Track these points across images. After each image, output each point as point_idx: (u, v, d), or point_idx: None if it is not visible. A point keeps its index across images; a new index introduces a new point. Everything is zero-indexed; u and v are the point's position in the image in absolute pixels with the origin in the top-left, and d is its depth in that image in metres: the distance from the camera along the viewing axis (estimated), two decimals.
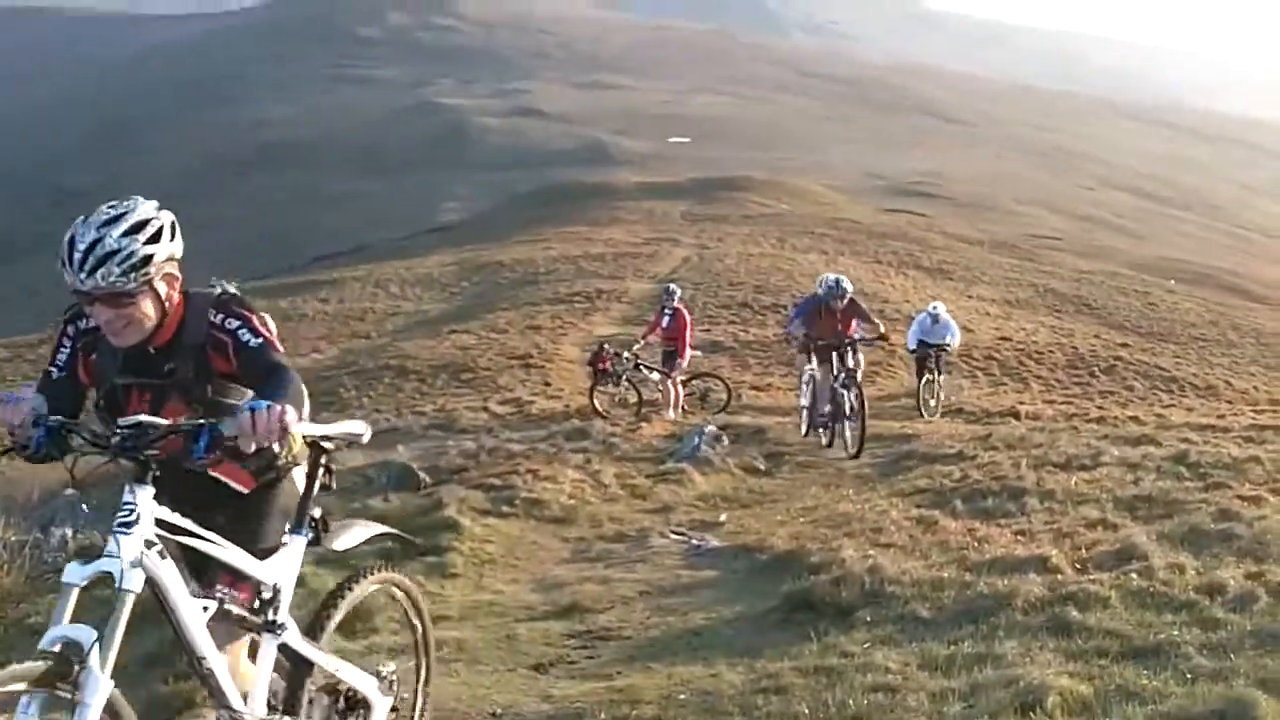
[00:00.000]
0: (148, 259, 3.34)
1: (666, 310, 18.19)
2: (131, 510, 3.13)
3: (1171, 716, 4.34)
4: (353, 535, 4.12)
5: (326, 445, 3.81)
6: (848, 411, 12.92)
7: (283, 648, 3.65)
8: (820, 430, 13.68)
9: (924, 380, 18.67)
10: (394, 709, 4.16)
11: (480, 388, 22.57)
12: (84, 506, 9.79)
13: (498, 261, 53.97)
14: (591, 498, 10.30)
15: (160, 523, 3.21)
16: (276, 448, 3.21)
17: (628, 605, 6.89)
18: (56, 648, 2.98)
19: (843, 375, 13.31)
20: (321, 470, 3.85)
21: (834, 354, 13.63)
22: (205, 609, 3.34)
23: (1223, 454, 10.29)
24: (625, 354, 18.09)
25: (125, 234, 3.32)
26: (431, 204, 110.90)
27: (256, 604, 3.59)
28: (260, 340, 3.54)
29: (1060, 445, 11.52)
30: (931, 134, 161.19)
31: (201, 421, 3.17)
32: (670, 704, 4.91)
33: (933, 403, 18.50)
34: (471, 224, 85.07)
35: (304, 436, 3.63)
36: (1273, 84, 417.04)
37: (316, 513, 3.90)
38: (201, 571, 3.44)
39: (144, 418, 3.21)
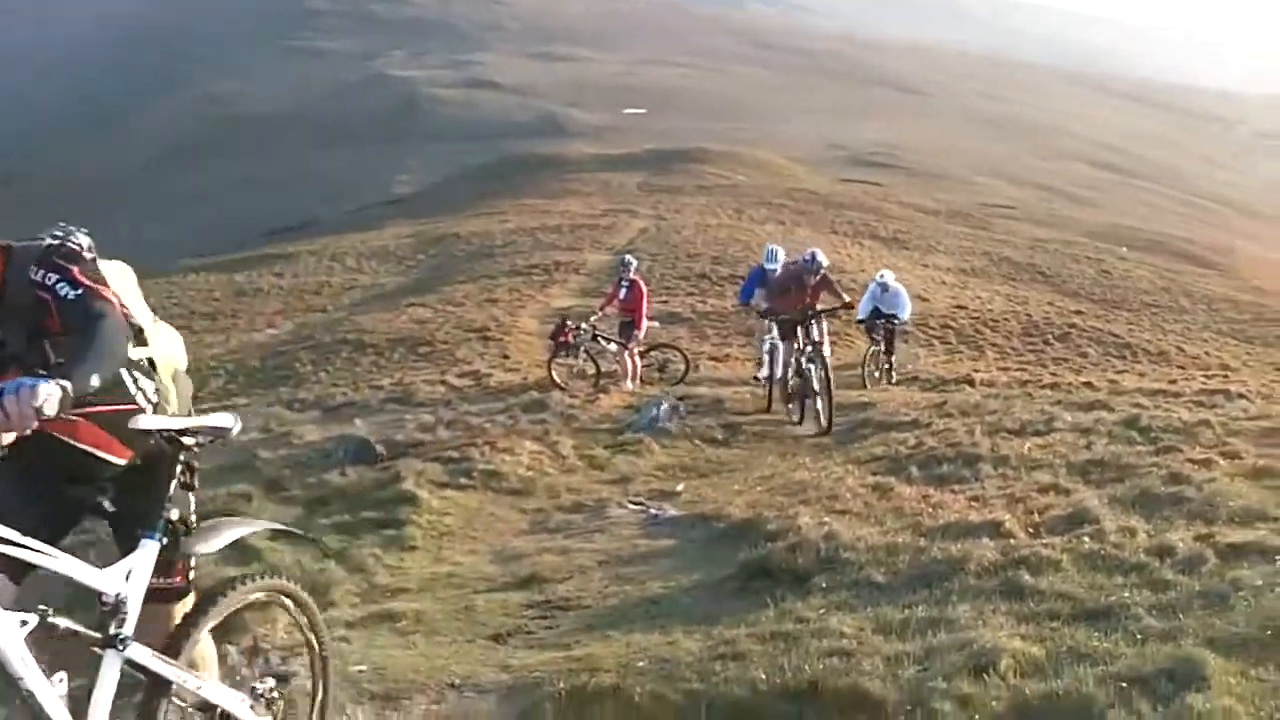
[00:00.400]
0: None
1: (624, 282, 18.16)
2: None
3: (1122, 677, 4.40)
4: (220, 538, 3.65)
5: (186, 441, 3.47)
6: (816, 387, 12.63)
7: (134, 664, 3.21)
8: (789, 406, 13.36)
9: (869, 351, 18.57)
10: None
11: (438, 361, 22.46)
12: None
13: (454, 234, 53.71)
14: (550, 469, 10.30)
15: None
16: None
17: (586, 575, 6.91)
18: None
19: (808, 349, 13.00)
20: (180, 468, 3.51)
21: (799, 328, 13.23)
22: (24, 623, 2.91)
23: (1174, 418, 10.40)
24: (583, 325, 18.08)
25: None
26: (385, 177, 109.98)
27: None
28: (79, 292, 3.15)
29: (1014, 411, 11.61)
30: (888, 105, 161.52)
31: None
32: (629, 671, 4.93)
33: (877, 374, 18.32)
34: (426, 196, 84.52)
35: (160, 432, 3.35)
36: (1246, 58, 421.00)
37: (174, 514, 3.47)
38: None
39: None
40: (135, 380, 3.47)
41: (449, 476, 9.61)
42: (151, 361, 3.62)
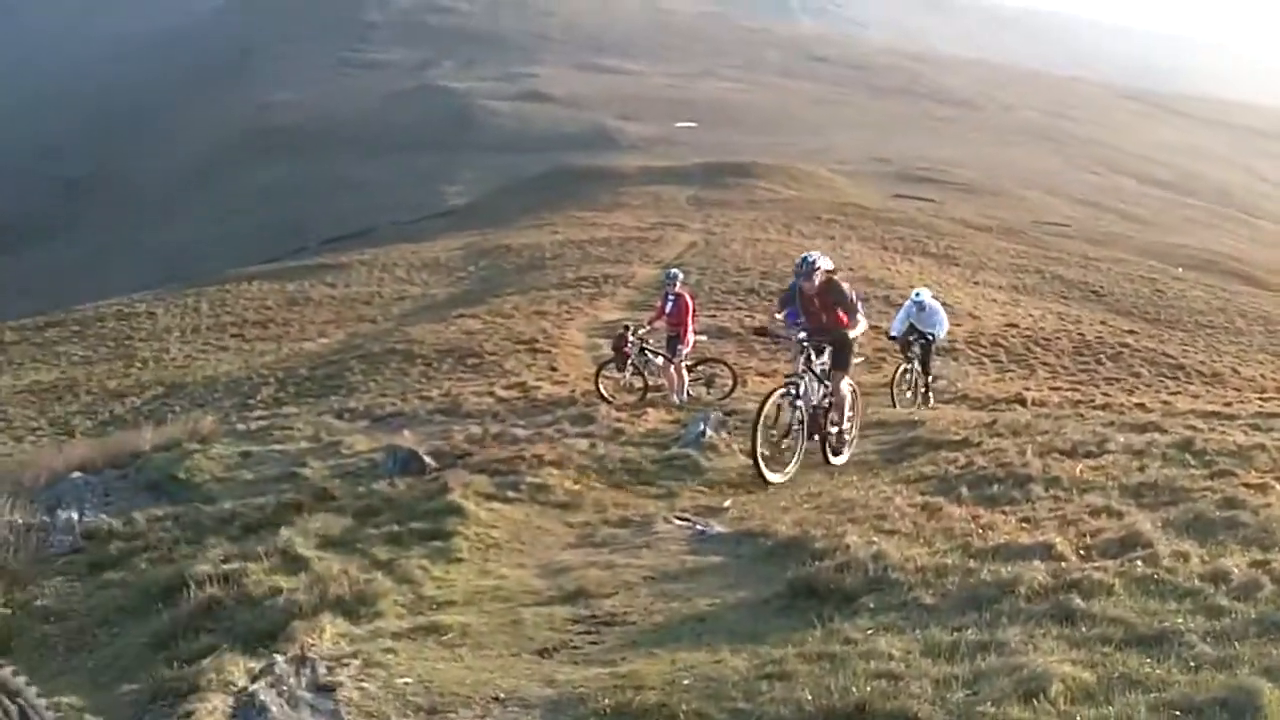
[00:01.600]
0: None
1: (669, 295, 18.14)
2: None
3: (1175, 705, 4.35)
4: None
5: None
6: (794, 424, 10.72)
7: None
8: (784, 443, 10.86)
9: (899, 370, 18.17)
10: None
11: (486, 372, 22.58)
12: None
13: (504, 246, 54.01)
14: (597, 483, 10.29)
15: None
16: None
17: (632, 591, 6.89)
18: None
19: (806, 379, 10.93)
20: None
21: (807, 350, 11.08)
22: None
23: (1228, 441, 10.26)
24: (630, 337, 18.11)
25: None
26: (437, 188, 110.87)
27: None
28: None
29: (1066, 432, 11.47)
30: (939, 119, 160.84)
31: None
32: (674, 689, 4.92)
33: (909, 394, 17.88)
34: (477, 208, 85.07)
35: None
36: None
37: None
38: None
39: None
40: None
41: (496, 489, 9.62)
42: None
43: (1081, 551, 6.79)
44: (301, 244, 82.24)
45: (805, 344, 11.08)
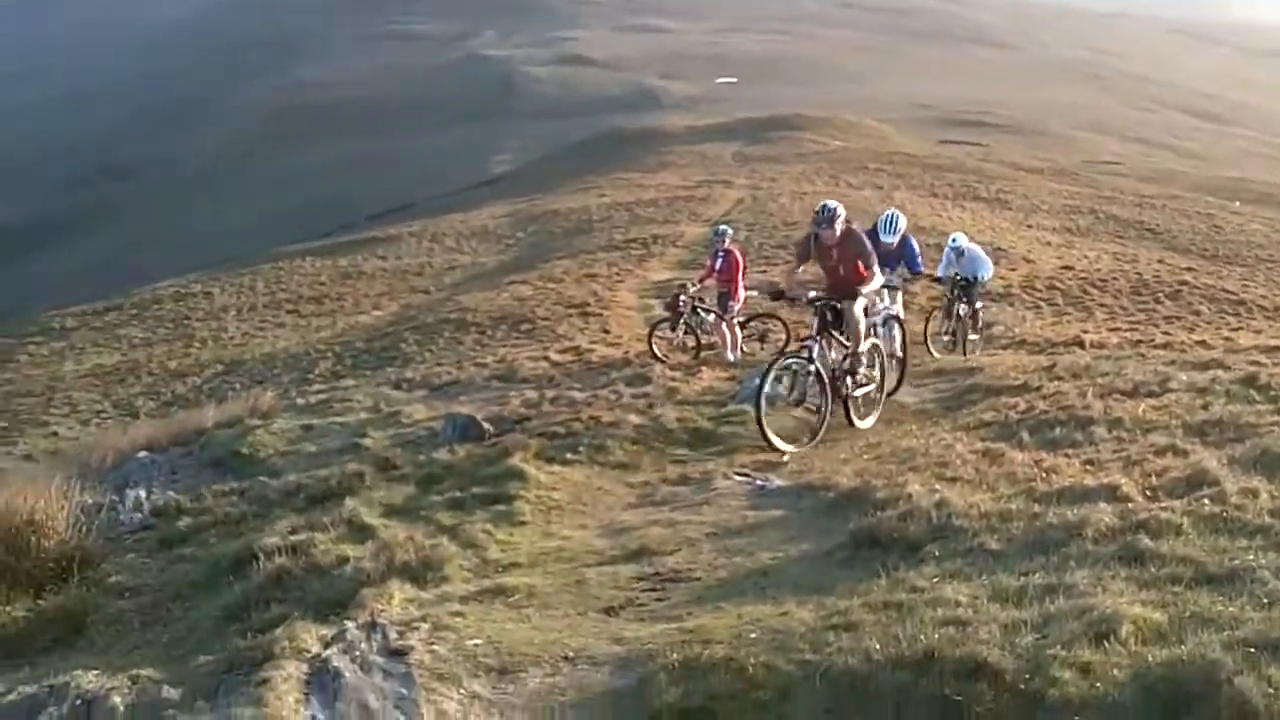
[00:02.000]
0: None
1: (719, 252, 18.06)
2: None
3: (1249, 642, 4.30)
4: None
5: None
6: (808, 391, 10.32)
7: None
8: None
9: (929, 318, 17.42)
10: None
11: (539, 337, 22.65)
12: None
13: (552, 211, 54.05)
14: (655, 442, 10.30)
15: None
16: None
17: (695, 547, 6.91)
18: None
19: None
20: None
21: (824, 312, 10.74)
22: None
23: None
24: (682, 297, 18.06)
25: None
26: (482, 157, 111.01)
27: None
28: None
29: (1127, 373, 11.33)
30: (981, 61, 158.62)
31: None
32: (741, 643, 4.93)
33: (945, 339, 17.04)
34: (523, 175, 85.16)
35: None
36: None
37: None
38: None
39: None
40: None
41: (555, 451, 9.67)
42: None
43: (1148, 492, 6.71)
44: (348, 220, 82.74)
45: (820, 305, 10.70)
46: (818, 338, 10.51)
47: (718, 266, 17.91)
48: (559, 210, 53.66)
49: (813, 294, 10.95)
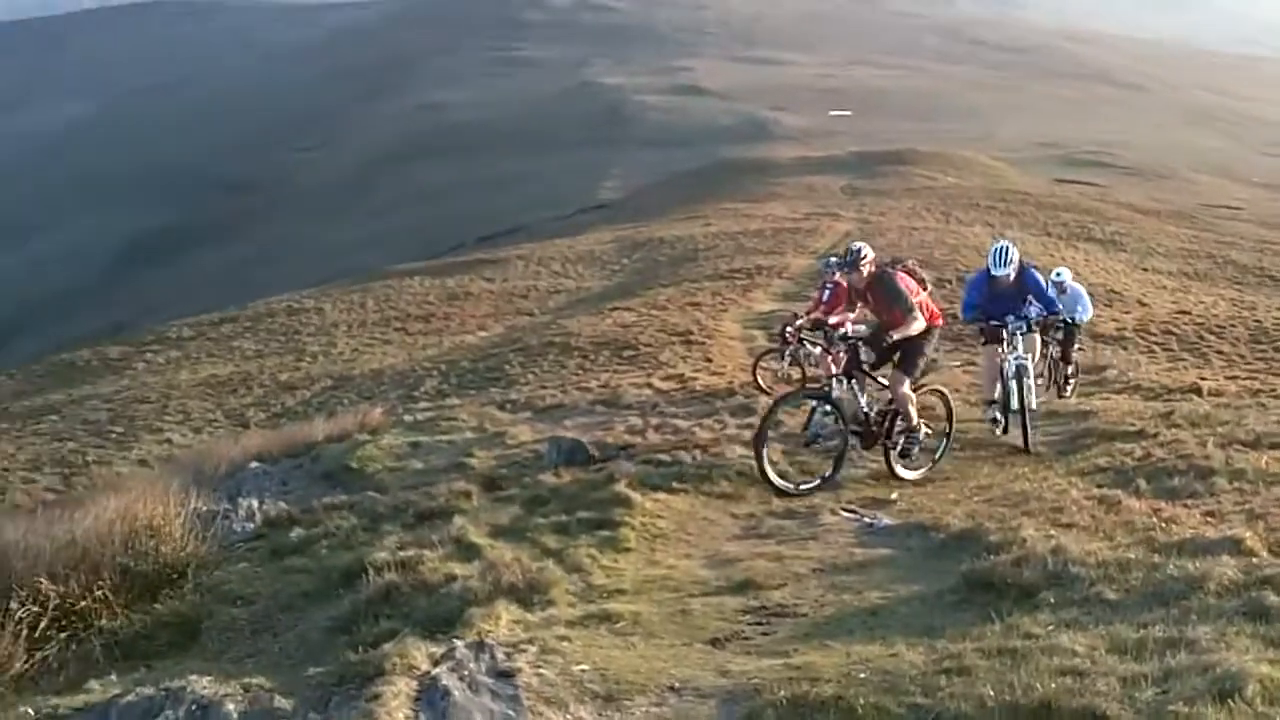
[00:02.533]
0: None
1: (827, 285, 17.92)
2: None
3: None
4: None
5: None
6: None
7: None
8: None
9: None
10: None
11: (643, 364, 22.68)
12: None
13: (657, 238, 54.21)
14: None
15: None
16: None
17: (801, 582, 6.84)
18: None
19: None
20: None
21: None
22: None
23: None
24: (789, 329, 17.95)
25: None
26: (591, 183, 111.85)
27: None
28: None
29: (1247, 423, 11.02)
30: (1103, 101, 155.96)
31: None
32: (850, 682, 4.86)
33: (1039, 383, 15.59)
34: (630, 202, 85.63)
35: None
36: None
37: None
38: None
39: None
40: None
41: (660, 479, 9.65)
42: None
43: (1273, 547, 6.51)
44: (459, 241, 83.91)
45: (845, 342, 10.39)
46: (842, 377, 10.26)
47: (825, 298, 17.77)
48: (664, 238, 53.81)
49: (843, 330, 10.74)
